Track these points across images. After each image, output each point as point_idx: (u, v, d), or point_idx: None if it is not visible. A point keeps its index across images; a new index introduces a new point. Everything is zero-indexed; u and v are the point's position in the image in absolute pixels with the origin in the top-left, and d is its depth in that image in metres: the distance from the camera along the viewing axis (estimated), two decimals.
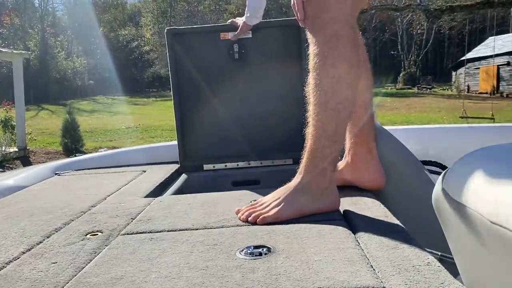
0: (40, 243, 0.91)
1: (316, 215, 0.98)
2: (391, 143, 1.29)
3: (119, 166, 1.86)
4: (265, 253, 0.78)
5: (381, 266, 0.70)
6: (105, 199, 1.28)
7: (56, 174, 1.76)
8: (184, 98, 1.79)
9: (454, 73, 28.51)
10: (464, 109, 12.53)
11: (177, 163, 1.81)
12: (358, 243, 0.81)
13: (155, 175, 1.60)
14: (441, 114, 14.93)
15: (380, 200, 1.10)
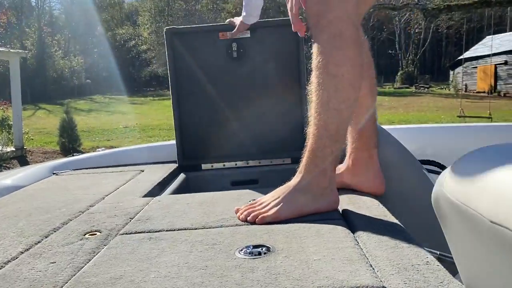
0: (39, 243, 0.91)
1: (315, 215, 0.98)
2: (390, 143, 1.29)
3: (117, 166, 1.85)
4: (264, 253, 0.78)
5: (380, 265, 0.70)
6: (103, 199, 1.27)
7: (54, 174, 1.75)
8: (183, 98, 1.78)
9: (452, 72, 28.55)
10: (462, 108, 12.55)
11: (176, 163, 1.80)
12: (357, 243, 0.81)
13: (154, 175, 1.60)
14: (439, 113, 14.96)
15: (379, 199, 1.11)
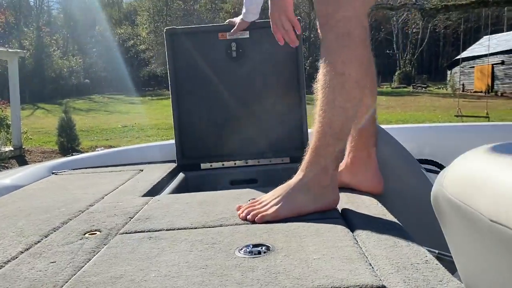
0: (38, 243, 0.91)
1: (315, 214, 0.98)
2: (389, 142, 1.30)
3: (117, 165, 1.85)
4: (264, 252, 0.78)
5: (380, 264, 0.70)
6: (103, 198, 1.28)
7: (53, 173, 1.75)
8: (182, 97, 1.79)
9: (449, 72, 28.61)
10: (459, 108, 12.58)
11: (175, 162, 1.80)
12: (357, 241, 0.81)
13: (153, 174, 1.60)
14: (436, 113, 14.99)
15: (378, 198, 1.11)
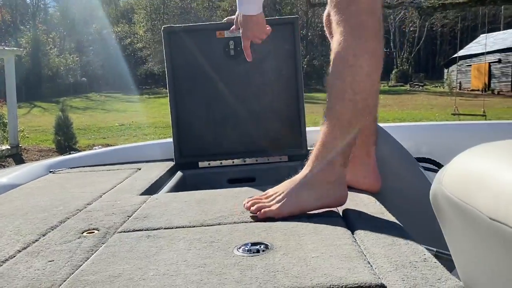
0: (36, 241, 0.91)
1: (313, 212, 0.98)
2: (387, 140, 1.30)
3: (114, 164, 1.85)
4: (263, 250, 0.78)
5: (378, 263, 0.70)
6: (101, 197, 1.27)
7: (51, 172, 1.75)
8: (180, 96, 1.78)
9: (446, 71, 28.68)
10: (456, 106, 12.62)
11: (172, 161, 1.80)
12: (355, 240, 0.81)
13: (150, 173, 1.59)
14: (433, 111, 15.03)
15: (376, 197, 1.11)
